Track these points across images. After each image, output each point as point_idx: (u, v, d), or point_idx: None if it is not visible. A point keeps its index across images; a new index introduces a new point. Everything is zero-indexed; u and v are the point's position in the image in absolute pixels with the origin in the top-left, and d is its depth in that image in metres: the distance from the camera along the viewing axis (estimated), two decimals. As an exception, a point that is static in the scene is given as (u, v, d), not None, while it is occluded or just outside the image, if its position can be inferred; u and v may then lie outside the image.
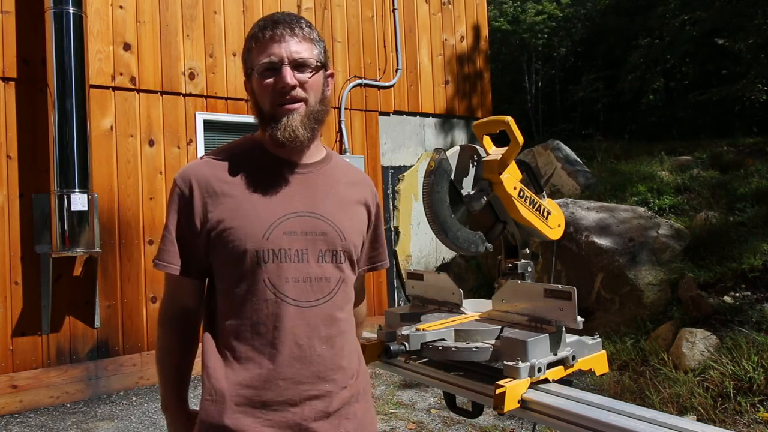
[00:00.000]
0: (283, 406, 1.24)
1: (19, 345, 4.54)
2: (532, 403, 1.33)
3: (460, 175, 1.74)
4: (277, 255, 1.25)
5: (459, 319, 1.68)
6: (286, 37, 1.27)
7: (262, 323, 1.25)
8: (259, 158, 1.34)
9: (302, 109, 1.29)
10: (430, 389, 4.51)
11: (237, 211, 1.26)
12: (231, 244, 1.25)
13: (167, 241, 1.29)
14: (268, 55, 1.26)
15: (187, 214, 1.28)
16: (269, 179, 1.31)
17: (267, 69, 1.27)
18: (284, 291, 1.25)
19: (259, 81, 1.28)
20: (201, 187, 1.28)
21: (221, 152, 1.36)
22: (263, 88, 1.28)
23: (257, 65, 1.28)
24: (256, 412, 1.24)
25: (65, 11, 4.49)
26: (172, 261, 1.29)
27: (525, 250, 1.83)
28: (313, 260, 1.28)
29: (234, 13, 5.79)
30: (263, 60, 1.27)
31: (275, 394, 1.24)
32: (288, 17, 1.30)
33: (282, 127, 1.27)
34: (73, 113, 4.48)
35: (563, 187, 6.88)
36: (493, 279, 2.41)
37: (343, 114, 6.51)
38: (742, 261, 4.60)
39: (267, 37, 1.27)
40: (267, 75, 1.27)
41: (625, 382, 4.10)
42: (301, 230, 1.28)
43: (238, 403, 1.23)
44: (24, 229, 4.59)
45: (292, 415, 1.25)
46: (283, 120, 1.27)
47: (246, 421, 1.23)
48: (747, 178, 6.11)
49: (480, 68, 8.09)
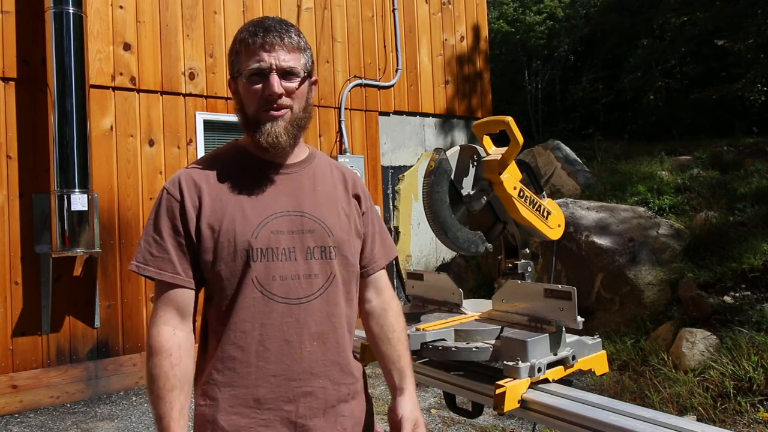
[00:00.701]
0: (276, 403, 1.25)
1: (19, 345, 4.54)
2: (532, 403, 1.33)
3: (460, 175, 1.75)
4: (265, 254, 1.27)
5: (459, 319, 1.68)
6: (276, 46, 1.29)
7: (248, 321, 1.26)
8: (244, 162, 1.37)
9: (287, 116, 1.32)
10: (430, 389, 4.50)
11: (225, 213, 1.28)
12: (220, 246, 1.27)
13: (160, 248, 1.28)
14: (257, 61, 1.29)
15: (180, 218, 1.29)
16: (255, 181, 1.33)
17: (255, 74, 1.29)
18: (271, 289, 1.27)
19: (247, 85, 1.30)
20: (190, 193, 1.30)
21: (207, 159, 1.39)
22: (250, 93, 1.31)
23: (245, 70, 1.30)
24: (250, 412, 1.24)
25: (65, 11, 4.49)
26: (167, 268, 1.28)
27: (525, 250, 1.83)
28: (301, 257, 1.30)
29: (234, 13, 5.79)
30: (252, 65, 1.29)
31: (267, 390, 1.25)
32: (278, 25, 1.32)
33: (266, 133, 1.30)
34: (73, 113, 4.48)
35: (563, 187, 6.88)
36: (493, 279, 2.41)
37: (343, 114, 6.51)
38: (742, 261, 4.60)
39: (257, 44, 1.29)
40: (255, 80, 1.30)
41: (625, 382, 4.10)
42: (287, 229, 1.30)
43: (232, 404, 1.24)
44: (24, 229, 4.59)
45: (287, 412, 1.26)
46: (267, 125, 1.30)
47: (242, 422, 1.24)
48: (747, 178, 6.11)
49: (480, 68, 8.09)
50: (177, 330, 1.28)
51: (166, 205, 1.30)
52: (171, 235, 1.28)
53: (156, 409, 1.22)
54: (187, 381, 1.26)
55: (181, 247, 1.28)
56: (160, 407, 1.21)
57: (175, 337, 1.26)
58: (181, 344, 1.26)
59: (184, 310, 1.29)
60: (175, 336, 1.26)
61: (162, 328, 1.27)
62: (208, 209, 1.28)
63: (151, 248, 1.29)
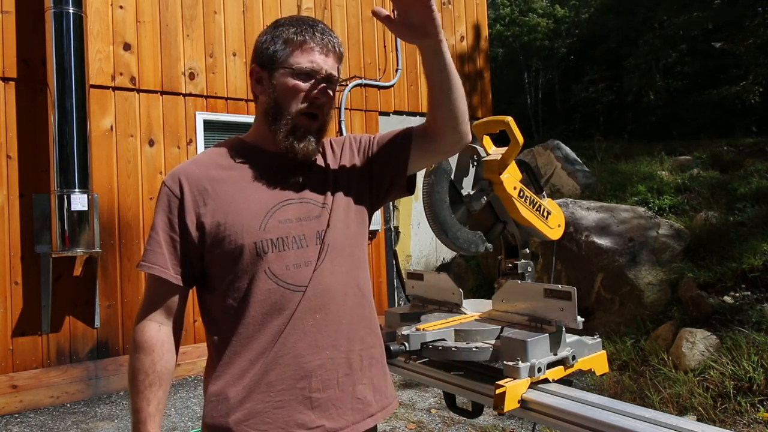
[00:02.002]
0: (288, 382, 1.24)
1: (19, 345, 4.54)
2: (532, 403, 1.33)
3: (460, 175, 1.75)
4: (276, 244, 1.26)
5: (459, 319, 1.68)
6: (330, 53, 1.32)
7: (264, 314, 1.25)
8: (246, 153, 1.36)
9: (322, 123, 1.34)
10: (430, 389, 4.50)
11: (230, 206, 1.27)
12: (227, 239, 1.25)
13: (154, 243, 1.28)
14: (311, 62, 1.29)
15: (178, 215, 1.28)
16: (258, 172, 1.33)
17: (305, 73, 1.29)
18: (286, 279, 1.26)
19: (292, 81, 1.29)
20: (191, 186, 1.29)
21: (209, 154, 1.38)
22: (292, 89, 1.29)
23: (296, 65, 1.29)
24: (264, 397, 1.24)
25: (65, 11, 4.49)
26: (158, 262, 1.27)
27: (525, 250, 1.83)
28: (311, 244, 1.29)
29: (234, 13, 5.79)
30: (305, 64, 1.29)
31: (277, 372, 1.24)
32: (329, 31, 1.35)
33: (300, 137, 1.30)
34: (73, 113, 4.48)
35: (563, 187, 6.88)
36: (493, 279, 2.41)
37: (343, 114, 6.51)
38: (742, 261, 4.60)
39: (315, 43, 1.30)
40: (303, 78, 1.29)
41: (625, 382, 4.10)
42: (295, 217, 1.30)
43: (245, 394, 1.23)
44: (24, 229, 4.59)
45: (300, 390, 1.25)
46: (301, 130, 1.30)
47: (257, 408, 1.23)
48: (747, 178, 6.11)
49: (480, 68, 8.09)
50: (162, 326, 1.28)
51: (164, 201, 1.30)
52: (165, 230, 1.28)
53: (134, 402, 1.25)
54: (168, 376, 1.28)
55: (173, 243, 1.28)
56: (137, 401, 1.24)
57: (160, 333, 1.27)
58: (164, 341, 1.27)
59: (171, 306, 1.29)
60: (160, 332, 1.27)
61: (147, 323, 1.27)
62: (211, 203, 1.27)
63: (149, 243, 1.29)
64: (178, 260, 1.28)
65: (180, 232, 1.28)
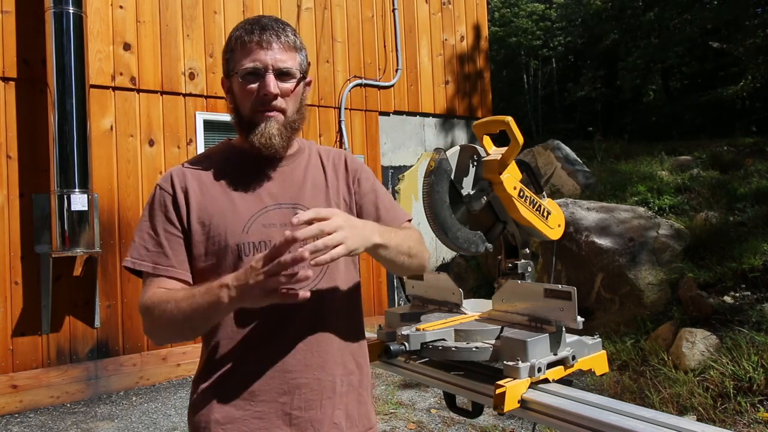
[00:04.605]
0: (271, 395, 1.25)
1: (19, 345, 4.54)
2: (532, 403, 1.33)
3: (460, 175, 1.74)
4: (257, 247, 1.27)
5: (459, 319, 1.68)
6: (273, 45, 1.28)
7: (242, 316, 1.25)
8: (235, 158, 1.37)
9: (280, 118, 1.31)
10: (430, 389, 4.51)
11: (216, 208, 1.29)
12: (212, 240, 1.27)
13: (154, 243, 1.28)
14: (253, 60, 1.27)
15: (170, 215, 1.29)
16: (246, 176, 1.34)
17: (250, 74, 1.28)
18: None
19: (242, 84, 1.29)
20: (182, 189, 1.30)
21: (199, 157, 1.40)
22: (245, 93, 1.30)
23: (241, 68, 1.29)
24: (244, 404, 1.24)
25: (65, 11, 4.49)
26: (148, 259, 1.28)
27: (525, 250, 1.83)
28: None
29: (234, 13, 5.79)
30: (247, 64, 1.28)
31: (261, 382, 1.25)
32: (275, 24, 1.31)
33: (259, 133, 1.29)
34: (73, 113, 4.48)
35: (563, 187, 6.88)
36: (493, 279, 2.41)
37: (343, 114, 6.51)
38: (742, 261, 4.60)
39: (253, 42, 1.28)
40: (250, 80, 1.28)
41: (625, 382, 4.10)
42: (280, 222, 1.30)
43: (226, 397, 1.25)
44: (24, 229, 4.59)
45: (281, 404, 1.25)
46: (261, 126, 1.29)
47: (236, 414, 1.24)
48: (747, 178, 6.11)
49: (480, 68, 8.09)
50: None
51: (158, 200, 1.30)
52: (165, 228, 1.29)
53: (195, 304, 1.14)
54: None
55: (176, 240, 1.28)
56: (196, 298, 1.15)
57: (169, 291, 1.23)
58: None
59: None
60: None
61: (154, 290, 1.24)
62: (198, 205, 1.29)
63: (146, 243, 1.28)
64: (183, 255, 1.29)
65: (179, 228, 1.29)
